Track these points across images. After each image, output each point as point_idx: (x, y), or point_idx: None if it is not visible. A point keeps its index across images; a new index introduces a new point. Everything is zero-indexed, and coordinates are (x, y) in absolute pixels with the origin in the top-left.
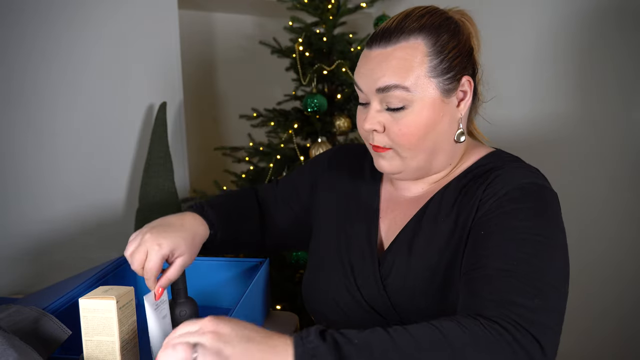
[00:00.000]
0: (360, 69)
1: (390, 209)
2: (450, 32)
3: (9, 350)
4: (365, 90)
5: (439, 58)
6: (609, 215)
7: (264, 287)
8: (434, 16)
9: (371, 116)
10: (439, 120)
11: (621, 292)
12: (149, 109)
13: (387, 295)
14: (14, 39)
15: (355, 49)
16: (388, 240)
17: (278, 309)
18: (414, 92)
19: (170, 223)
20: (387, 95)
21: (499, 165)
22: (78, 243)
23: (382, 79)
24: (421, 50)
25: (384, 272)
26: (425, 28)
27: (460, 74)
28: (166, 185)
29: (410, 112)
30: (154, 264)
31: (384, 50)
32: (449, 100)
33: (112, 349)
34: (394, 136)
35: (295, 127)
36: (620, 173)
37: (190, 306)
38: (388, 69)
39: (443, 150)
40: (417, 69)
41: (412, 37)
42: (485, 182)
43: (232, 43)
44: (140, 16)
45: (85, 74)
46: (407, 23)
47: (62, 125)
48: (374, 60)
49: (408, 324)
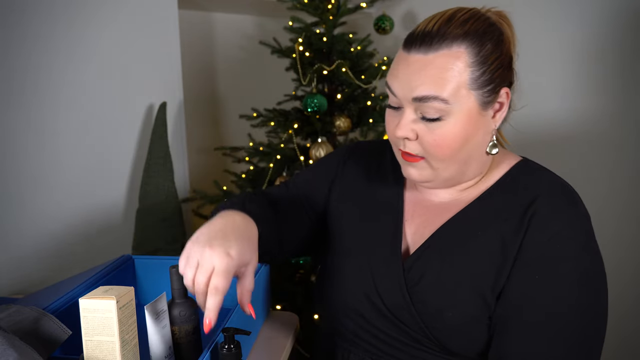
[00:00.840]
0: (397, 73)
1: (417, 213)
2: (494, 41)
3: (9, 350)
4: (400, 96)
5: (481, 70)
6: (609, 214)
7: (264, 287)
8: (478, 22)
9: (404, 124)
10: (474, 132)
11: (621, 292)
12: (149, 109)
13: (413, 304)
14: (15, 40)
15: (355, 49)
16: (415, 245)
17: (278, 309)
18: (452, 104)
19: (225, 230)
20: (423, 105)
21: (535, 183)
22: (78, 243)
23: (419, 88)
24: (463, 60)
25: (411, 280)
26: (469, 35)
27: (500, 86)
28: (166, 185)
29: (446, 123)
30: (227, 283)
31: (423, 57)
32: (485, 113)
33: (112, 349)
34: (428, 146)
35: (295, 127)
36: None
37: (190, 306)
38: (427, 77)
39: (475, 161)
40: (457, 80)
41: (454, 45)
42: (528, 209)
43: (232, 43)
44: (140, 16)
45: (86, 74)
46: (450, 28)
47: (63, 125)
48: (411, 66)
49: (432, 334)
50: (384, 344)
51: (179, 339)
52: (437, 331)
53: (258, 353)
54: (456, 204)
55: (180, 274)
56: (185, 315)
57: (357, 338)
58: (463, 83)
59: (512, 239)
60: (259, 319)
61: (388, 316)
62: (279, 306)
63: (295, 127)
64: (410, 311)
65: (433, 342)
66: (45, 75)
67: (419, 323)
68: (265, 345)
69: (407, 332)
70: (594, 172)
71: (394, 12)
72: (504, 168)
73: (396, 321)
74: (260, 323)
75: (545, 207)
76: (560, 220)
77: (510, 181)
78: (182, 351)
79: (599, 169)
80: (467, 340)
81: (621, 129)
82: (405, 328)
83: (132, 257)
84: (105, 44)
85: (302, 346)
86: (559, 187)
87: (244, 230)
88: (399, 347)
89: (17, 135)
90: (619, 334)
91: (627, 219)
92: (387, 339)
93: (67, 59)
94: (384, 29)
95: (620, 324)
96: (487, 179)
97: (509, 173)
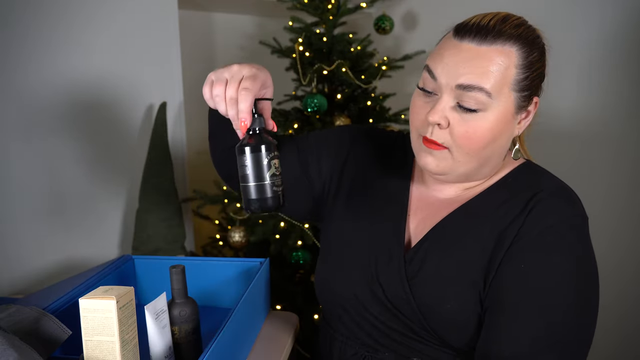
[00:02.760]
0: (443, 57)
1: (420, 208)
2: (540, 51)
3: (9, 350)
4: (442, 81)
5: (525, 74)
6: (609, 214)
7: (264, 287)
8: (529, 30)
9: (439, 109)
10: (503, 133)
11: (621, 291)
12: (149, 109)
13: (413, 295)
14: (16, 39)
15: (355, 49)
16: (416, 239)
17: (278, 309)
18: (493, 100)
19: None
20: (464, 94)
21: (535, 182)
22: (78, 243)
23: (467, 76)
24: (513, 60)
25: (411, 271)
26: (521, 38)
27: (534, 94)
28: (166, 185)
29: (481, 117)
30: (256, 86)
31: (477, 47)
32: (517, 117)
33: (112, 349)
34: (458, 137)
35: (295, 127)
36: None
37: (190, 306)
38: (476, 67)
39: (492, 163)
40: (503, 77)
41: (507, 44)
42: (527, 205)
43: (232, 43)
44: (140, 16)
45: (86, 74)
46: (505, 27)
47: (63, 125)
48: (462, 53)
49: (430, 325)
50: (382, 335)
51: (179, 339)
52: (435, 323)
53: (258, 353)
54: (459, 200)
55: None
56: (185, 315)
57: (356, 327)
58: (507, 82)
59: (508, 234)
60: (259, 318)
61: (388, 306)
62: (279, 306)
63: (295, 127)
64: (410, 302)
65: (431, 334)
66: (45, 75)
67: (418, 314)
68: (265, 345)
69: (406, 323)
70: (594, 172)
71: (394, 12)
72: (506, 169)
73: (395, 311)
74: (260, 323)
75: (543, 203)
76: (556, 215)
77: (511, 180)
78: (182, 351)
79: (599, 168)
80: (465, 333)
81: (622, 128)
82: (404, 319)
83: (132, 257)
84: (105, 44)
85: (302, 346)
86: (559, 187)
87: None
88: (397, 338)
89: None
90: (619, 333)
91: (628, 219)
92: (386, 330)
93: (67, 59)
94: (384, 29)
95: (621, 323)
96: (491, 179)
97: (511, 173)
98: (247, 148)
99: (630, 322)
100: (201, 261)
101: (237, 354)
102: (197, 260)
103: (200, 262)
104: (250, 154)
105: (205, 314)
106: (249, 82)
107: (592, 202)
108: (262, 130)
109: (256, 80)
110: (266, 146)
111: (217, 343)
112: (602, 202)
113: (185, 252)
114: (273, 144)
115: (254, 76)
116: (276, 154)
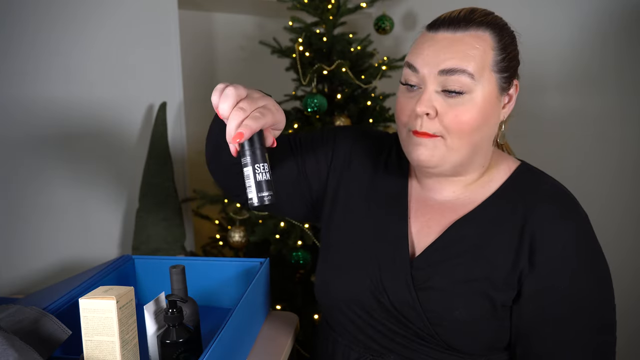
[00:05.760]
0: (421, 50)
1: (420, 211)
2: (511, 36)
3: (9, 350)
4: (425, 71)
5: (502, 55)
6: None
7: (264, 287)
8: (497, 18)
9: (426, 99)
10: (490, 115)
11: (621, 291)
12: (149, 109)
13: (420, 303)
14: (15, 39)
15: (355, 49)
16: (420, 243)
17: (278, 309)
18: (477, 81)
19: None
20: (449, 79)
21: (536, 189)
22: (78, 243)
23: (448, 61)
24: (488, 42)
25: (419, 279)
26: (492, 24)
27: (513, 76)
28: (166, 185)
29: (468, 100)
30: (254, 106)
31: (452, 35)
32: (500, 99)
33: (112, 349)
34: (448, 122)
35: (295, 127)
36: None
37: (190, 306)
38: (457, 52)
39: (482, 151)
40: (482, 58)
41: (480, 29)
42: (530, 216)
43: (232, 43)
44: (140, 16)
45: (85, 74)
46: (475, 16)
47: (63, 125)
48: (440, 42)
49: (437, 331)
50: (386, 339)
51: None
52: (441, 329)
53: (258, 353)
54: (460, 204)
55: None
56: (186, 314)
57: (359, 333)
58: (487, 63)
59: (519, 243)
60: (259, 318)
61: (392, 312)
62: (279, 306)
63: (295, 127)
64: (417, 309)
65: (436, 339)
66: (44, 75)
67: (424, 321)
68: (265, 345)
69: (411, 327)
70: (595, 172)
71: (394, 12)
72: (504, 171)
73: (400, 317)
74: (260, 323)
75: (550, 216)
76: (567, 229)
77: (513, 187)
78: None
79: (600, 168)
80: (471, 339)
81: (622, 128)
82: (409, 324)
83: (132, 257)
84: (105, 43)
85: (302, 346)
86: (559, 193)
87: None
88: (401, 341)
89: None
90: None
91: (629, 219)
92: (390, 334)
93: (67, 59)
94: (384, 29)
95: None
96: (489, 181)
97: (511, 178)
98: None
99: (630, 322)
100: (201, 261)
101: (237, 354)
102: (197, 260)
103: (200, 262)
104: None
105: (205, 314)
106: (266, 110)
107: (592, 202)
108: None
109: (273, 115)
110: (258, 134)
111: (217, 343)
112: (603, 202)
113: (185, 252)
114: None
115: (267, 105)
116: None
